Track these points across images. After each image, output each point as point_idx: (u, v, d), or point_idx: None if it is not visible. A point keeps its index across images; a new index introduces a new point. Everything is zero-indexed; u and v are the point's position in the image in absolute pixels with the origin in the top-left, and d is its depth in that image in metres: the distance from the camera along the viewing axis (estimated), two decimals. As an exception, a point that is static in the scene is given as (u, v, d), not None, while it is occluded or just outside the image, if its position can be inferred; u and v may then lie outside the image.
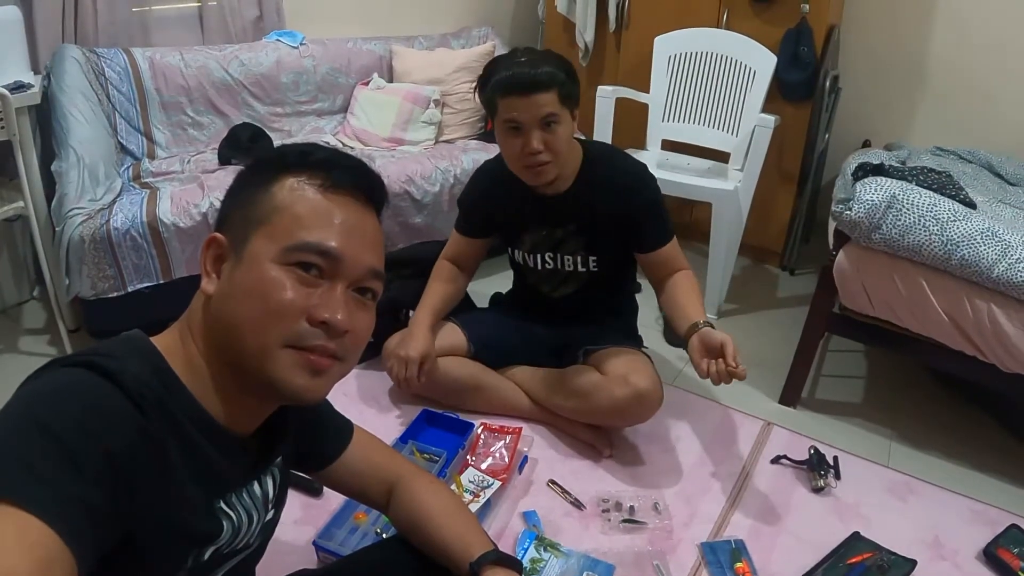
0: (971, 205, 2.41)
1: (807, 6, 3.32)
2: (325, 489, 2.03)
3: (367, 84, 3.58)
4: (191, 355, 0.95)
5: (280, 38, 3.41)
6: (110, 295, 2.50)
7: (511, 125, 2.05)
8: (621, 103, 3.47)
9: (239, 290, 0.93)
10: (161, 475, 0.86)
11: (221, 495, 0.99)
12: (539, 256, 2.35)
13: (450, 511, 1.32)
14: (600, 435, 2.35)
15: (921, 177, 2.49)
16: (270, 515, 1.12)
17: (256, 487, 1.07)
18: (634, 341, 2.52)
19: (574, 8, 3.95)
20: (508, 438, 2.28)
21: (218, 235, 0.98)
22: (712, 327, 1.99)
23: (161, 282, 2.56)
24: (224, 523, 0.98)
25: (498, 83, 2.03)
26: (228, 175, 2.76)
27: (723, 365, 1.86)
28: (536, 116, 2.02)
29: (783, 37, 3.38)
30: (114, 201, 2.58)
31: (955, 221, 2.23)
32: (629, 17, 3.82)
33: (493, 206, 2.35)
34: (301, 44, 3.44)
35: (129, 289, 2.52)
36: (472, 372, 2.43)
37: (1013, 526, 2.15)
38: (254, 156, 1.09)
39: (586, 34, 3.93)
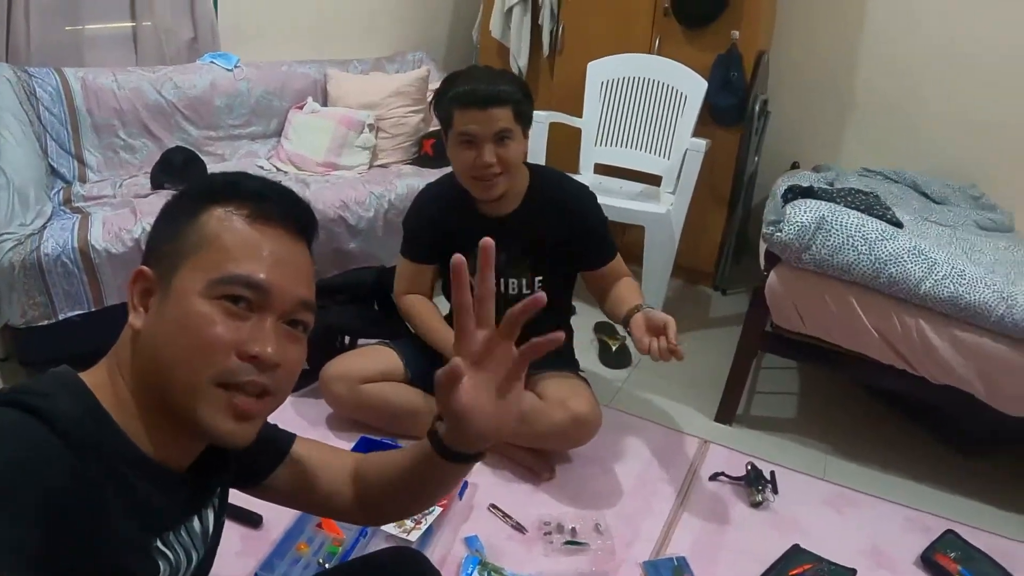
0: (898, 224, 2.49)
1: (737, 32, 3.41)
2: (265, 519, 1.99)
3: (301, 108, 3.54)
4: (120, 391, 0.92)
5: (215, 60, 3.37)
6: (40, 323, 2.42)
7: (465, 138, 2.09)
8: (554, 128, 3.51)
9: (167, 325, 0.90)
10: (96, 516, 0.83)
11: (158, 534, 0.95)
12: None
13: (403, 449, 1.27)
14: (540, 458, 2.35)
15: (849, 198, 2.57)
16: (208, 547, 1.08)
17: (196, 523, 1.03)
18: (571, 365, 2.53)
19: (508, 33, 3.98)
20: (448, 463, 2.26)
21: (145, 268, 0.95)
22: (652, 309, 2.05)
23: (93, 310, 2.49)
24: (161, 564, 0.95)
25: (456, 96, 2.07)
26: (161, 200, 2.66)
27: (665, 343, 1.91)
28: (491, 130, 2.06)
29: (714, 63, 3.45)
30: (45, 226, 2.51)
31: (883, 240, 2.31)
32: (562, 43, 3.86)
33: (436, 228, 2.34)
34: (236, 67, 3.40)
35: (60, 317, 2.44)
36: (410, 398, 2.41)
37: (949, 531, 2.22)
38: (187, 181, 1.06)
39: (520, 59, 3.97)
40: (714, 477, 2.39)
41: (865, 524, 2.27)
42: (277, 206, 0.97)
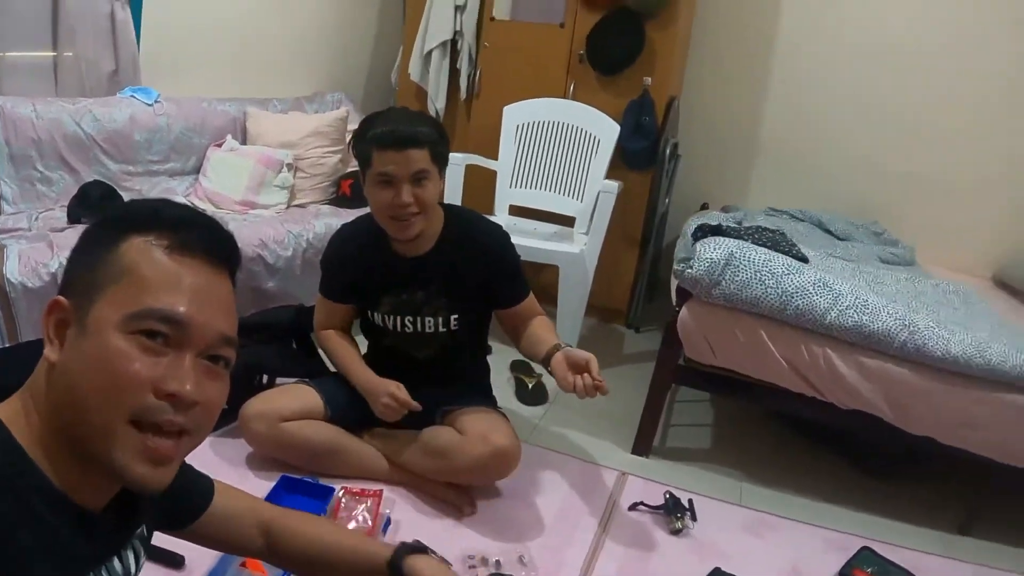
0: (803, 259, 2.61)
1: (649, 79, 3.55)
2: (188, 560, 1.94)
3: (220, 145, 3.51)
4: (34, 426, 0.88)
5: (135, 95, 3.31)
6: (-48, 358, 2.33)
7: (384, 178, 2.13)
8: (470, 169, 3.58)
9: (82, 360, 0.86)
10: (8, 556, 0.80)
11: (75, 575, 0.91)
12: (399, 319, 2.37)
13: (337, 531, 1.32)
14: (461, 494, 2.35)
15: (756, 235, 2.67)
16: None
17: (116, 563, 1.00)
18: (490, 400, 2.56)
19: (427, 76, 4.05)
20: (370, 501, 2.25)
21: (61, 299, 0.91)
22: (571, 347, 2.13)
23: (7, 345, 2.41)
24: None
25: (375, 137, 2.12)
26: (78, 234, 2.61)
27: (589, 379, 2.00)
28: (408, 170, 2.11)
29: (626, 108, 3.58)
30: (-41, 258, 2.42)
31: (789, 274, 2.41)
32: (480, 87, 3.94)
33: (354, 268, 2.36)
34: (156, 102, 3.35)
35: (-28, 352, 2.36)
36: (330, 436, 2.39)
37: (864, 548, 2.31)
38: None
39: (438, 102, 4.04)
40: (633, 507, 2.42)
41: (783, 546, 2.34)
42: (199, 236, 0.94)
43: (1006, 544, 2.54)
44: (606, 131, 3.53)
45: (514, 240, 2.42)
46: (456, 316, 2.36)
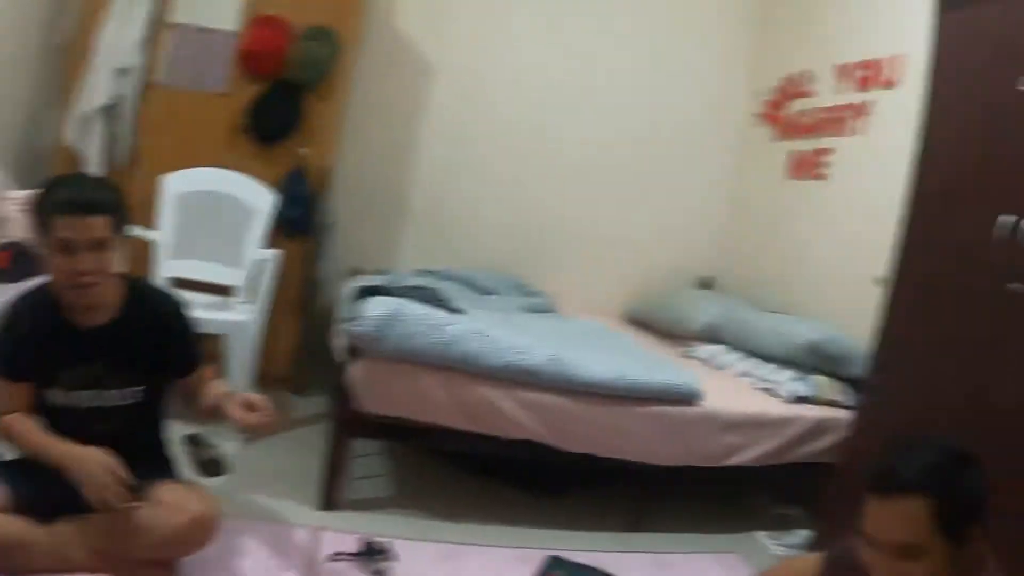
0: (459, 311, 2.92)
1: (306, 149, 3.75)
2: None
3: None
4: None
5: None
6: None
7: (63, 244, 2.08)
8: (128, 240, 3.48)
9: None
10: None
11: None
12: (79, 394, 2.30)
13: None
14: (165, 570, 2.31)
15: (413, 293, 2.96)
16: None
17: None
18: (176, 471, 2.55)
19: (85, 141, 3.78)
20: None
21: None
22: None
23: None
24: None
25: (56, 203, 2.07)
26: None
27: (261, 414, 2.17)
28: (89, 237, 2.08)
29: (284, 177, 3.74)
30: None
31: (448, 325, 2.72)
32: (138, 154, 3.85)
33: (31, 343, 2.25)
34: None
35: None
36: (16, 529, 2.20)
37: (550, 556, 2.62)
38: None
39: (95, 168, 3.78)
40: (334, 557, 2.47)
41: (479, 570, 2.57)
42: None
43: (672, 532, 3.04)
44: (264, 200, 3.65)
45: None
46: (138, 388, 2.34)
